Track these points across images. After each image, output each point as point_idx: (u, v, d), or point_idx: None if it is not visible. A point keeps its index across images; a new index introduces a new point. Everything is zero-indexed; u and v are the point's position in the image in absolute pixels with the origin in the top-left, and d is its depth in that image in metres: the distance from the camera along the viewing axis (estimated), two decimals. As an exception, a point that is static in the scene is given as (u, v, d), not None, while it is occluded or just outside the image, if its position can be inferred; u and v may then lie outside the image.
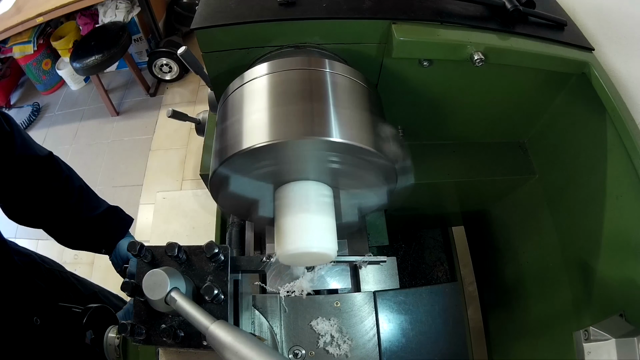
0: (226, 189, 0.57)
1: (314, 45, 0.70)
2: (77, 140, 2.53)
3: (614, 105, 0.68)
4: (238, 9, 0.67)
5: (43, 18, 2.07)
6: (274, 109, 0.51)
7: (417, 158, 0.94)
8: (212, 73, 0.75)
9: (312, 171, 0.55)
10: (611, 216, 0.73)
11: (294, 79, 0.55)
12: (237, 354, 0.42)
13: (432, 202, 1.11)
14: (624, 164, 0.68)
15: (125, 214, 0.95)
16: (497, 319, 1.21)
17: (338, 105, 0.52)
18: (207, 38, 0.68)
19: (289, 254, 0.53)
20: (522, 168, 0.96)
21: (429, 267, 1.41)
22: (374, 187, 0.59)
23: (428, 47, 0.67)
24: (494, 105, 0.86)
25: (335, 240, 0.55)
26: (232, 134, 0.52)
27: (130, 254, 0.53)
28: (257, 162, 0.51)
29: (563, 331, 0.84)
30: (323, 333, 0.74)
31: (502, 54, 0.69)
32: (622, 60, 0.76)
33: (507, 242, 1.13)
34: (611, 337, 0.58)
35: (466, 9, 0.73)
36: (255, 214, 0.66)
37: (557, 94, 0.84)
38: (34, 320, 0.71)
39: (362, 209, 0.68)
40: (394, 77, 0.76)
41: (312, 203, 0.54)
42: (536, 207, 0.96)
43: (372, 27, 0.68)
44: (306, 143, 0.48)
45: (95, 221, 0.87)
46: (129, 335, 0.52)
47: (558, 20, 0.77)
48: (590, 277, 0.78)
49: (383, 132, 0.54)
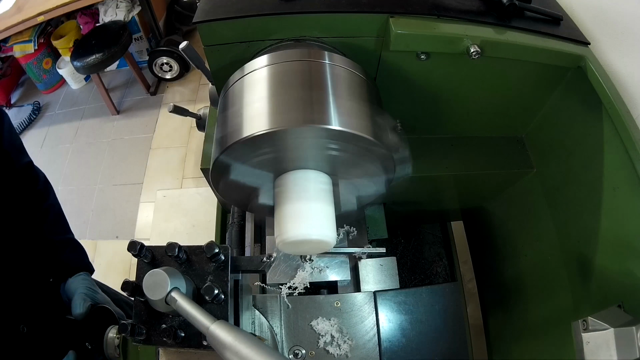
0: (227, 177, 0.57)
1: (314, 39, 0.71)
2: (77, 139, 2.54)
3: (610, 98, 0.69)
4: (239, 3, 0.68)
5: (44, 17, 2.08)
6: (274, 98, 0.52)
7: (415, 151, 0.95)
8: (214, 67, 0.75)
9: (311, 159, 0.56)
10: (608, 208, 0.74)
11: (293, 70, 0.56)
12: (237, 353, 0.42)
13: (430, 197, 1.11)
14: (621, 156, 0.69)
15: (85, 256, 0.88)
16: (497, 316, 1.21)
17: (337, 95, 0.53)
18: (209, 32, 0.69)
19: (289, 241, 0.54)
20: (520, 162, 0.97)
21: (428, 262, 1.42)
22: (372, 176, 0.60)
23: (425, 40, 0.68)
24: (491, 99, 0.87)
25: (334, 228, 0.56)
26: (232, 122, 0.53)
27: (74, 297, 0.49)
28: (258, 150, 0.52)
29: (562, 327, 0.85)
30: (323, 333, 0.74)
31: (498, 47, 0.70)
32: (617, 55, 0.77)
33: (506, 236, 1.13)
34: (610, 327, 0.58)
35: (463, 3, 0.74)
36: (255, 203, 0.67)
37: (554, 88, 0.85)
38: (21, 328, 0.68)
39: (360, 198, 0.69)
40: (392, 71, 0.77)
41: (311, 191, 0.55)
42: (534, 201, 0.97)
43: (370, 20, 0.69)
44: (306, 131, 0.49)
45: (51, 245, 0.81)
46: (130, 335, 0.52)
47: (554, 15, 0.78)
48: (588, 270, 0.78)
49: (381, 122, 0.55)
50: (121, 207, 2.21)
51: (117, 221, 2.17)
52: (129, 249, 0.52)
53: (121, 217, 2.18)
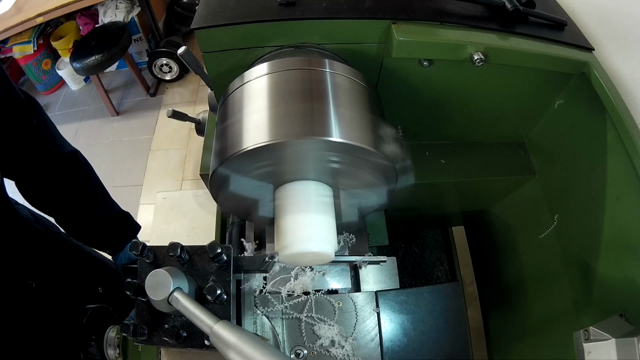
0: (226, 188, 0.57)
1: (314, 45, 0.70)
2: (77, 140, 2.53)
3: (614, 105, 0.68)
4: (238, 9, 0.67)
5: (43, 18, 2.07)
6: (273, 109, 0.51)
7: (417, 158, 0.95)
8: (212, 73, 0.75)
9: (312, 171, 0.55)
10: (611, 216, 0.73)
11: (294, 79, 0.55)
12: (241, 353, 0.41)
13: (432, 202, 1.11)
14: (624, 164, 0.68)
15: (134, 221, 0.97)
16: (497, 319, 1.21)
17: (338, 105, 0.52)
18: (207, 38, 0.68)
19: (289, 254, 0.53)
20: (522, 168, 0.96)
21: (429, 267, 1.41)
22: (373, 187, 0.59)
23: (428, 47, 0.67)
24: (494, 105, 0.86)
25: (335, 240, 0.55)
26: (232, 133, 0.52)
27: None
28: (257, 162, 0.51)
29: (563, 331, 0.84)
30: (325, 334, 0.74)
31: (502, 54, 0.69)
32: (622, 60, 0.76)
33: (507, 242, 1.13)
34: (611, 337, 0.57)
35: (466, 9, 0.73)
36: (255, 214, 0.66)
37: (557, 94, 0.84)
38: (30, 283, 0.71)
39: (362, 209, 0.68)
40: (394, 77, 0.76)
41: (312, 203, 0.54)
42: (536, 207, 0.96)
43: (372, 27, 0.68)
44: (306, 143, 0.48)
45: (105, 222, 0.89)
46: (132, 335, 0.52)
47: (558, 20, 0.77)
48: (590, 277, 0.78)
49: (383, 132, 0.54)
50: (121, 209, 2.21)
51: (116, 223, 2.17)
52: (132, 249, 0.52)
53: (121, 219, 2.17)
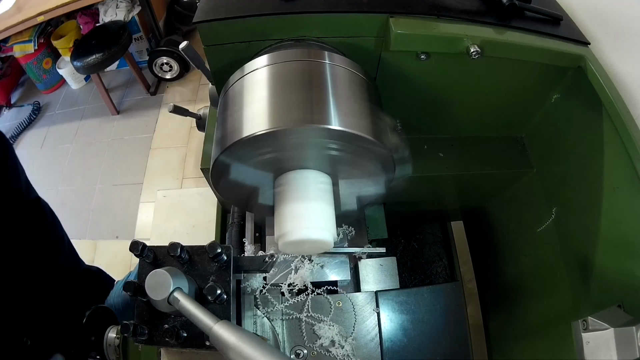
0: (227, 177, 0.57)
1: (314, 39, 0.71)
2: (77, 139, 2.54)
3: (610, 98, 0.69)
4: (239, 3, 0.68)
5: (44, 17, 2.08)
6: (274, 98, 0.52)
7: (415, 151, 0.95)
8: (214, 67, 0.75)
9: (311, 159, 0.56)
10: (608, 208, 0.74)
11: (293, 70, 0.56)
12: (241, 354, 0.41)
13: (430, 196, 1.11)
14: (621, 156, 0.69)
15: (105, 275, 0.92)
16: (497, 316, 1.21)
17: (337, 94, 0.53)
18: (209, 32, 0.69)
19: (289, 241, 0.54)
20: (520, 162, 0.97)
21: (428, 262, 1.42)
22: (372, 176, 0.60)
23: (425, 40, 0.68)
24: (491, 99, 0.87)
25: (334, 228, 0.56)
26: (232, 122, 0.53)
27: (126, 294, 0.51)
28: (258, 150, 0.52)
29: (562, 327, 0.85)
30: (325, 334, 0.74)
31: (498, 47, 0.70)
32: (617, 55, 0.77)
33: (506, 236, 1.14)
34: (610, 327, 0.58)
35: (463, 3, 0.74)
36: (255, 202, 0.67)
37: (554, 88, 0.85)
38: (25, 340, 0.68)
39: (360, 198, 0.69)
40: (392, 71, 0.77)
41: (311, 191, 0.55)
42: (534, 201, 0.97)
43: (370, 20, 0.69)
44: (306, 131, 0.49)
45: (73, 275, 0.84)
46: (132, 335, 0.52)
47: (554, 15, 0.78)
48: (588, 269, 0.78)
49: (381, 122, 0.55)
50: (121, 207, 2.22)
51: (117, 221, 2.17)
52: (131, 249, 0.52)
53: (121, 217, 2.18)
